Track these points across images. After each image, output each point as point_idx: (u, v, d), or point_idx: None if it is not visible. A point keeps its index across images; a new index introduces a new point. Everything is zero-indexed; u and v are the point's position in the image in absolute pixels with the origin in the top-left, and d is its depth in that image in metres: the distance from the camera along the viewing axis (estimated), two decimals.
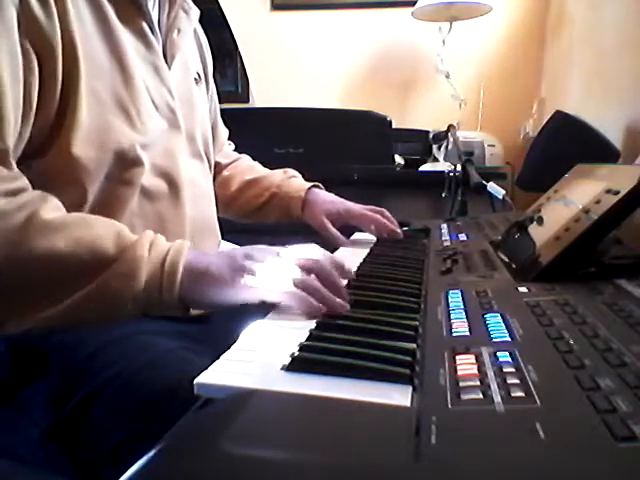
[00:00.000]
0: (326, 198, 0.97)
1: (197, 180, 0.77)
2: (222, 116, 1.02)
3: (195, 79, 0.81)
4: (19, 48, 0.52)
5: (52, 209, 0.51)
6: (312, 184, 0.98)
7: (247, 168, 1.04)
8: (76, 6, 0.57)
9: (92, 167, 0.59)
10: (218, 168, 1.01)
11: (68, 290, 0.50)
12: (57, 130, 0.56)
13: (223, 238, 0.88)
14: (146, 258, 0.50)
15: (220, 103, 1.01)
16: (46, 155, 0.57)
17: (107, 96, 0.60)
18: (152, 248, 0.52)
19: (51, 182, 0.57)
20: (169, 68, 0.71)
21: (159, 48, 0.70)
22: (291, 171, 1.03)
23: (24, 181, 0.54)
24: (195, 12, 0.79)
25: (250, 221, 1.03)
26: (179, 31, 0.72)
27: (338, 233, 0.92)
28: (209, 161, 0.85)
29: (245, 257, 0.54)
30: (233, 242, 1.32)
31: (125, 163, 0.62)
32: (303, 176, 1.04)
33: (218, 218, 0.86)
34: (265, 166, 1.06)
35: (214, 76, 0.95)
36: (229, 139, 1.08)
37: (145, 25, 0.67)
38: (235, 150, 1.10)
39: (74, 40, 0.56)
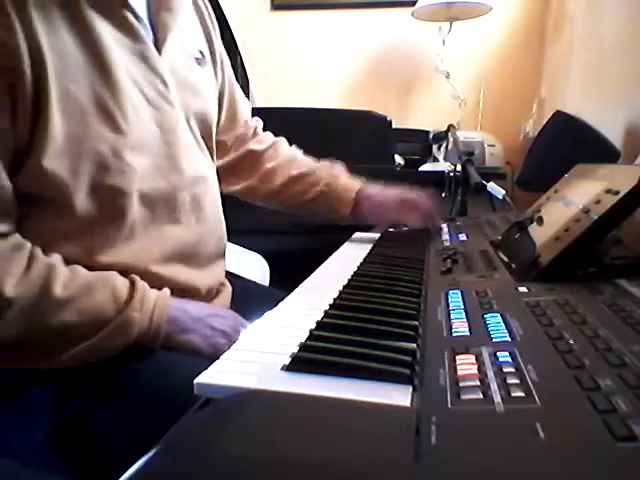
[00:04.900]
0: (380, 192, 0.96)
1: (202, 171, 0.72)
2: None
3: (197, 59, 0.74)
4: None
5: (60, 281, 0.54)
6: (361, 182, 0.97)
7: (290, 160, 0.98)
8: (39, 4, 0.52)
9: (69, 178, 0.55)
10: (254, 157, 0.96)
11: (71, 345, 0.55)
12: (29, 145, 0.53)
13: (229, 240, 0.83)
14: (137, 319, 0.57)
15: None
16: (22, 171, 0.53)
17: (85, 98, 0.55)
18: (142, 308, 0.57)
19: (33, 197, 0.55)
20: (159, 53, 0.64)
21: (145, 33, 0.63)
22: (336, 165, 0.99)
23: (27, 247, 0.54)
24: None
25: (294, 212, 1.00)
26: (170, 10, 0.66)
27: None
28: (211, 150, 0.78)
29: (222, 335, 0.62)
30: (238, 244, 1.31)
31: (110, 170, 0.57)
32: None
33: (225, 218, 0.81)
34: None
35: None
36: None
37: (125, 10, 0.60)
38: None
39: (40, 44, 0.51)
